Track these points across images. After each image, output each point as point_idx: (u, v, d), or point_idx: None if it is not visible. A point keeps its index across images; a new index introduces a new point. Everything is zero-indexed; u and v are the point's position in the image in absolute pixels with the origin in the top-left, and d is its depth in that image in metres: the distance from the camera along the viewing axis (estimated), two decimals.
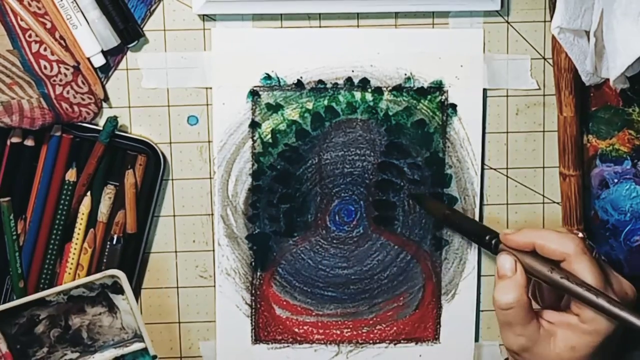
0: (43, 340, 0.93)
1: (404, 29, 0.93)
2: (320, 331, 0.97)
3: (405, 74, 0.93)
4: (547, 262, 0.81)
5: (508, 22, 0.93)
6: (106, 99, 0.92)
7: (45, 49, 0.89)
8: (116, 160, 0.93)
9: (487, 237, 0.86)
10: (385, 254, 0.96)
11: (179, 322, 0.97)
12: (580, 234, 0.86)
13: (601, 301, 0.76)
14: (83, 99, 0.90)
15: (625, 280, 0.82)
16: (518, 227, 0.91)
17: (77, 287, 0.92)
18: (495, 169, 0.95)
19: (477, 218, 0.95)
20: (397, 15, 0.93)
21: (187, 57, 0.92)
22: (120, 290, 0.93)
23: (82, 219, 0.92)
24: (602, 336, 0.78)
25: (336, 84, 0.93)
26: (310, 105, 0.93)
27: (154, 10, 0.91)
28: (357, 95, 0.93)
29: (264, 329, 0.96)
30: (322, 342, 0.97)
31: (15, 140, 0.90)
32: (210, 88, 0.93)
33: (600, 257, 0.82)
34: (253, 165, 0.94)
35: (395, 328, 0.97)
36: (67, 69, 0.89)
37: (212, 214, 0.95)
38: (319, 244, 0.95)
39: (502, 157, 0.95)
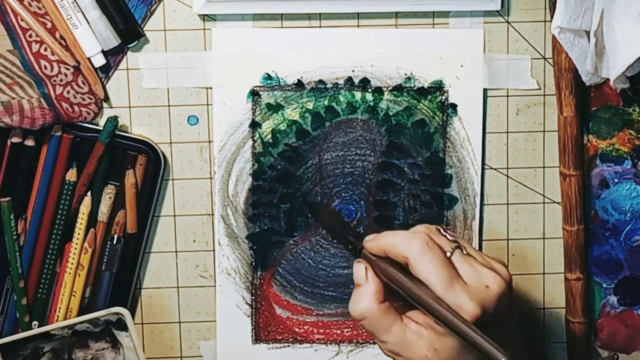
0: None
1: (404, 28, 0.93)
2: (321, 331, 0.97)
3: (406, 74, 0.93)
4: (396, 264, 0.78)
5: (508, 22, 0.93)
6: (106, 99, 0.92)
7: (45, 49, 0.89)
8: (116, 160, 0.93)
9: (356, 245, 0.82)
10: None
11: (179, 322, 0.97)
12: (434, 227, 0.81)
13: (440, 312, 0.73)
14: (83, 99, 0.90)
15: (494, 266, 0.78)
16: (517, 230, 0.91)
17: (82, 322, 0.92)
18: (495, 169, 0.95)
19: (477, 218, 0.95)
20: (397, 15, 0.93)
21: (187, 57, 0.92)
22: (124, 327, 0.93)
23: (82, 218, 0.92)
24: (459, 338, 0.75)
25: (336, 84, 0.93)
26: (310, 105, 0.93)
27: (154, 10, 0.91)
28: (358, 95, 0.93)
29: (265, 329, 0.96)
30: (323, 341, 0.97)
31: (15, 140, 0.90)
32: (211, 88, 0.93)
33: (456, 250, 0.78)
34: (253, 165, 0.94)
35: None
36: (68, 69, 0.89)
37: (213, 214, 0.95)
38: (319, 244, 0.95)
39: (503, 157, 0.95)
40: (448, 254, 0.77)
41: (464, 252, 0.78)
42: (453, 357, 0.76)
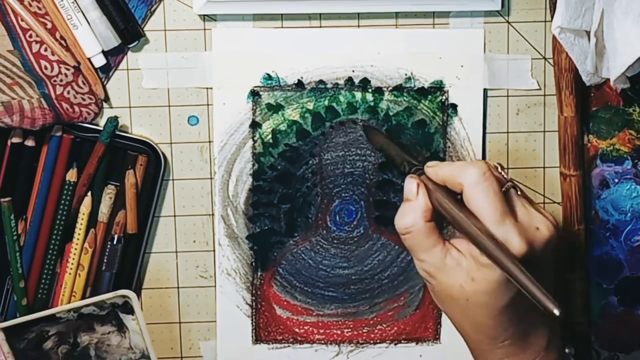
0: (51, 357, 0.93)
1: (404, 29, 0.93)
2: (321, 331, 0.97)
3: (406, 74, 0.93)
4: (451, 195, 0.78)
5: (508, 22, 0.93)
6: (107, 99, 0.92)
7: (45, 49, 0.89)
8: (117, 160, 0.93)
9: (415, 165, 0.83)
10: (386, 254, 0.96)
11: (180, 322, 0.97)
12: (493, 163, 0.81)
13: (489, 247, 0.74)
14: (83, 99, 0.90)
15: (542, 215, 0.79)
16: None
17: (88, 305, 0.92)
18: None
19: None
20: (397, 15, 0.93)
21: (187, 57, 0.92)
22: (130, 311, 0.93)
23: (82, 219, 0.92)
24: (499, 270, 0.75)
25: (337, 84, 0.93)
26: (310, 106, 0.93)
27: (154, 11, 0.91)
28: (358, 95, 0.93)
29: (265, 329, 0.96)
30: (323, 342, 0.97)
31: (15, 140, 0.90)
32: (211, 88, 0.93)
33: (512, 188, 0.78)
34: (254, 165, 0.94)
35: (395, 328, 0.97)
36: (68, 69, 0.89)
37: (213, 214, 0.95)
38: (319, 244, 0.95)
39: (503, 157, 0.95)
40: (503, 189, 0.78)
41: (518, 192, 0.79)
42: (489, 291, 0.77)
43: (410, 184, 0.80)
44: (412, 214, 0.79)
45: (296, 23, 0.92)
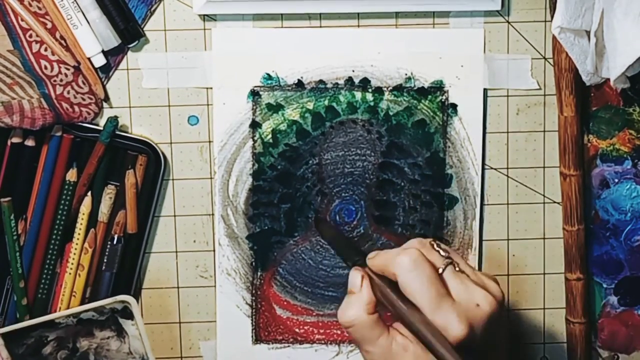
0: None
1: (404, 28, 0.93)
2: (321, 331, 0.97)
3: (406, 74, 0.93)
4: (393, 284, 0.77)
5: (508, 22, 0.93)
6: (107, 99, 0.92)
7: (45, 49, 0.89)
8: (117, 160, 0.93)
9: (356, 259, 0.82)
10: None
11: (180, 322, 0.97)
12: (427, 243, 0.80)
13: (422, 333, 0.73)
14: (83, 99, 0.90)
15: (486, 284, 0.78)
16: (517, 230, 0.91)
17: (87, 310, 0.92)
18: (495, 169, 0.95)
19: (477, 218, 0.95)
20: (397, 15, 0.93)
21: (187, 57, 0.92)
22: (130, 316, 0.93)
23: (82, 219, 0.92)
24: None
25: (337, 83, 0.93)
26: (310, 105, 0.93)
27: (154, 10, 0.91)
28: (358, 95, 0.93)
29: (265, 329, 0.96)
30: (323, 342, 0.97)
31: (15, 140, 0.90)
32: (211, 88, 0.93)
33: (448, 266, 0.76)
34: (254, 165, 0.94)
35: None
36: (68, 69, 0.89)
37: (213, 214, 0.95)
38: (319, 244, 0.95)
39: (503, 157, 0.95)
40: (440, 270, 0.76)
41: (456, 268, 0.77)
42: None
43: (355, 277, 0.79)
44: (355, 307, 0.77)
45: (296, 23, 0.92)
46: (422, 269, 0.75)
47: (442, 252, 0.78)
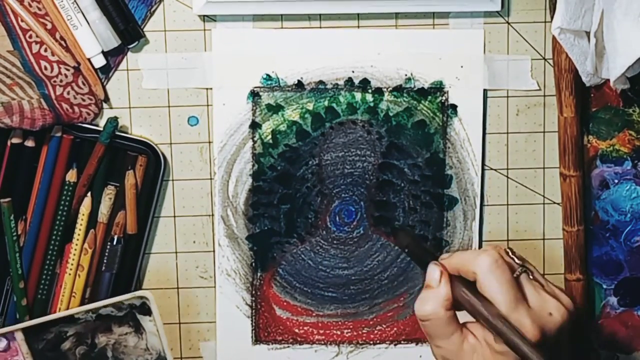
0: (68, 358, 0.94)
1: (404, 29, 0.93)
2: (321, 332, 0.97)
3: (406, 75, 0.93)
4: (467, 283, 0.78)
5: (508, 23, 0.93)
6: (106, 99, 0.92)
7: (45, 50, 0.89)
8: (116, 160, 0.93)
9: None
10: (386, 254, 0.96)
11: (180, 323, 0.97)
12: (503, 250, 0.81)
13: (506, 333, 0.74)
14: (83, 100, 0.90)
15: (556, 300, 0.78)
16: (517, 231, 0.91)
17: (106, 306, 0.92)
18: (495, 170, 0.95)
19: (477, 218, 0.95)
20: (397, 15, 0.93)
21: (187, 57, 0.92)
22: (147, 312, 0.94)
23: (82, 219, 0.92)
24: (514, 357, 0.75)
25: (336, 84, 0.93)
26: (310, 106, 0.93)
27: (154, 11, 0.91)
28: (358, 95, 0.93)
29: (265, 330, 0.96)
30: (323, 342, 0.97)
31: (15, 141, 0.90)
32: (211, 89, 0.93)
33: (524, 272, 0.78)
34: (253, 165, 0.94)
35: (395, 328, 0.97)
36: (68, 70, 0.89)
37: (213, 215, 0.95)
38: (319, 245, 0.95)
39: (503, 158, 0.95)
40: (515, 275, 0.77)
41: (530, 276, 0.78)
42: None
43: (434, 272, 0.79)
44: (433, 301, 0.78)
45: (296, 23, 0.92)
46: (502, 270, 0.76)
47: (517, 260, 0.79)
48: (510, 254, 0.79)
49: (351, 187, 0.94)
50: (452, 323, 0.78)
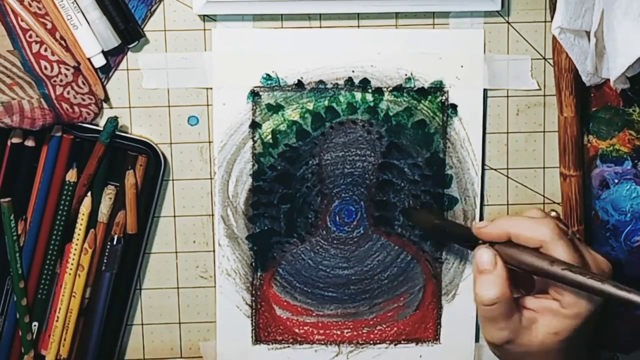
0: None
1: (404, 29, 0.93)
2: (321, 332, 0.97)
3: (406, 75, 0.93)
4: (528, 250, 0.78)
5: (508, 23, 0.93)
6: (106, 99, 0.92)
7: (45, 50, 0.89)
8: (117, 160, 0.93)
9: (479, 242, 0.82)
10: (386, 254, 0.96)
11: (179, 323, 0.97)
12: (554, 213, 0.85)
13: (607, 287, 0.73)
14: (83, 100, 0.90)
15: (599, 256, 0.81)
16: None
17: None
18: (495, 170, 0.95)
19: (477, 219, 0.95)
20: (397, 15, 0.93)
21: (187, 57, 0.92)
22: None
23: (82, 219, 0.92)
24: (584, 319, 0.77)
25: (336, 84, 0.93)
26: (310, 106, 0.93)
27: (154, 11, 0.91)
28: (358, 95, 0.93)
29: (265, 330, 0.96)
30: (323, 342, 0.97)
31: (15, 140, 0.90)
32: (211, 88, 0.93)
33: (574, 236, 0.80)
34: (253, 165, 0.94)
35: (395, 328, 0.97)
36: (68, 70, 0.89)
37: (213, 215, 0.95)
38: (319, 245, 0.95)
39: (503, 158, 0.95)
40: (569, 238, 0.79)
41: (578, 238, 0.81)
42: (569, 339, 0.78)
43: (486, 255, 0.79)
44: (496, 285, 0.78)
45: (296, 23, 0.92)
46: (565, 235, 0.78)
47: (566, 224, 0.82)
48: (556, 218, 0.82)
49: (351, 186, 0.94)
50: (513, 301, 0.79)
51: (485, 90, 0.94)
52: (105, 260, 0.93)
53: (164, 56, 0.92)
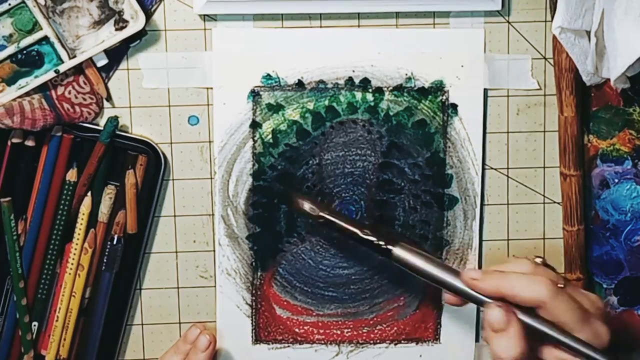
0: None
1: (404, 29, 0.93)
2: (321, 331, 0.97)
3: (406, 74, 0.93)
4: (528, 313, 0.78)
5: (509, 22, 0.93)
6: (109, 98, 0.92)
7: None
8: (117, 160, 0.93)
9: (382, 243, 0.83)
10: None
11: (180, 323, 0.97)
12: (539, 260, 0.84)
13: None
14: (84, 99, 0.90)
15: (591, 294, 0.82)
16: (517, 230, 0.92)
17: None
18: (496, 169, 0.95)
19: (477, 218, 0.95)
20: (397, 15, 0.93)
21: (187, 57, 0.92)
22: None
23: (82, 219, 0.92)
24: None
25: (337, 84, 0.93)
26: (311, 105, 0.93)
27: (154, 10, 0.91)
28: (358, 95, 0.93)
29: (265, 329, 0.96)
30: (323, 342, 0.97)
31: (16, 140, 0.90)
32: (211, 88, 0.93)
33: (567, 284, 0.79)
34: (254, 165, 0.94)
35: (395, 328, 0.97)
36: (69, 69, 0.89)
37: (213, 214, 0.95)
38: (319, 244, 0.95)
39: (503, 157, 0.95)
40: (560, 286, 0.78)
41: (568, 281, 0.80)
42: None
43: (499, 314, 0.78)
44: (515, 343, 0.77)
45: (296, 23, 0.92)
46: (561, 290, 0.77)
47: (549, 269, 0.81)
48: (543, 263, 0.81)
49: (351, 186, 0.94)
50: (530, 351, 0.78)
51: (485, 90, 0.94)
52: (105, 260, 0.93)
53: (165, 56, 0.92)
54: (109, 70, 0.91)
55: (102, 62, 0.90)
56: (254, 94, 0.93)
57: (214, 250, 0.95)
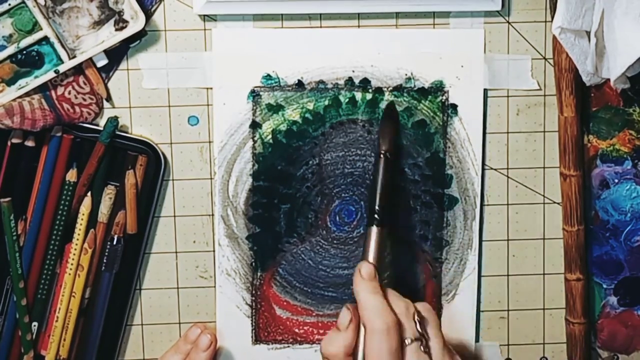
0: None
1: (404, 29, 0.93)
2: (321, 331, 0.97)
3: (406, 74, 0.93)
4: None
5: (509, 22, 0.93)
6: (109, 98, 0.92)
7: None
8: (117, 160, 0.93)
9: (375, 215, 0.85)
10: (386, 254, 0.95)
11: (179, 323, 0.97)
12: (412, 311, 0.84)
13: None
14: (84, 99, 0.90)
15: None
16: (517, 231, 0.91)
17: None
18: (495, 169, 0.95)
19: (477, 218, 0.95)
20: (397, 15, 0.93)
21: (187, 57, 0.92)
22: None
23: (82, 219, 0.92)
24: None
25: (337, 84, 0.93)
26: (310, 106, 0.93)
27: (154, 11, 0.91)
28: (358, 95, 0.93)
29: (265, 330, 0.96)
30: None
31: (15, 140, 0.90)
32: (211, 88, 0.93)
33: (418, 343, 0.81)
34: (254, 165, 0.94)
35: None
36: (69, 69, 0.89)
37: (213, 215, 0.95)
38: (319, 245, 0.95)
39: (503, 158, 0.95)
40: (407, 342, 0.80)
41: (422, 347, 0.81)
42: None
43: (345, 316, 0.83)
44: (337, 344, 0.82)
45: (296, 23, 0.92)
46: (389, 340, 0.79)
47: (418, 327, 0.81)
48: (416, 316, 0.82)
49: (351, 186, 0.94)
50: None
51: (485, 90, 0.94)
52: (105, 260, 0.93)
53: (164, 56, 0.92)
54: (109, 71, 0.91)
55: (102, 62, 0.90)
56: (254, 94, 0.93)
57: (214, 251, 0.95)
